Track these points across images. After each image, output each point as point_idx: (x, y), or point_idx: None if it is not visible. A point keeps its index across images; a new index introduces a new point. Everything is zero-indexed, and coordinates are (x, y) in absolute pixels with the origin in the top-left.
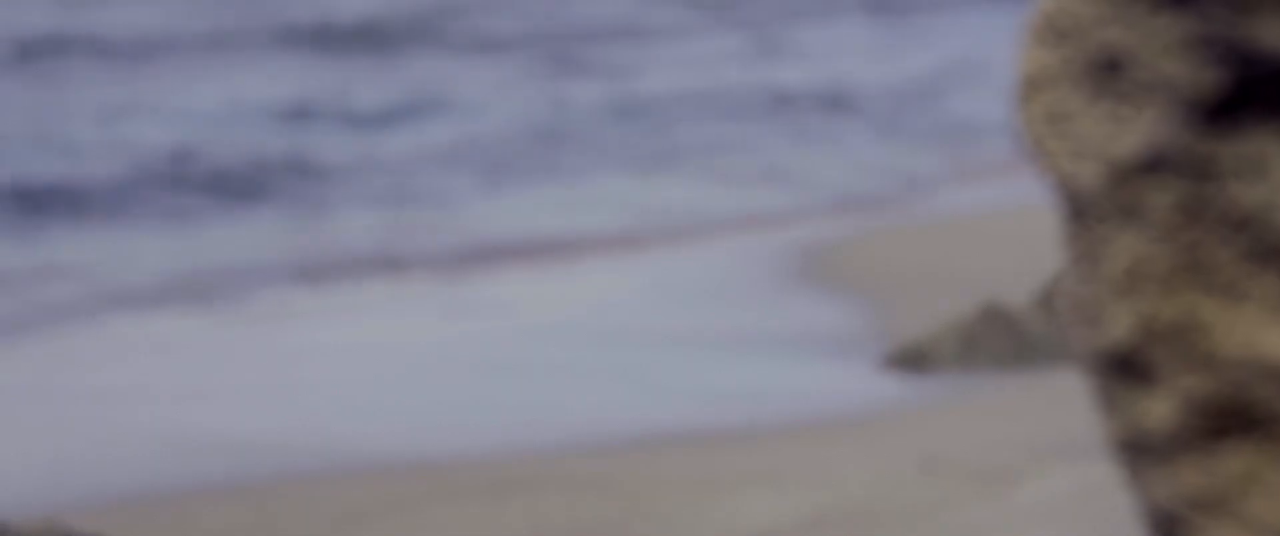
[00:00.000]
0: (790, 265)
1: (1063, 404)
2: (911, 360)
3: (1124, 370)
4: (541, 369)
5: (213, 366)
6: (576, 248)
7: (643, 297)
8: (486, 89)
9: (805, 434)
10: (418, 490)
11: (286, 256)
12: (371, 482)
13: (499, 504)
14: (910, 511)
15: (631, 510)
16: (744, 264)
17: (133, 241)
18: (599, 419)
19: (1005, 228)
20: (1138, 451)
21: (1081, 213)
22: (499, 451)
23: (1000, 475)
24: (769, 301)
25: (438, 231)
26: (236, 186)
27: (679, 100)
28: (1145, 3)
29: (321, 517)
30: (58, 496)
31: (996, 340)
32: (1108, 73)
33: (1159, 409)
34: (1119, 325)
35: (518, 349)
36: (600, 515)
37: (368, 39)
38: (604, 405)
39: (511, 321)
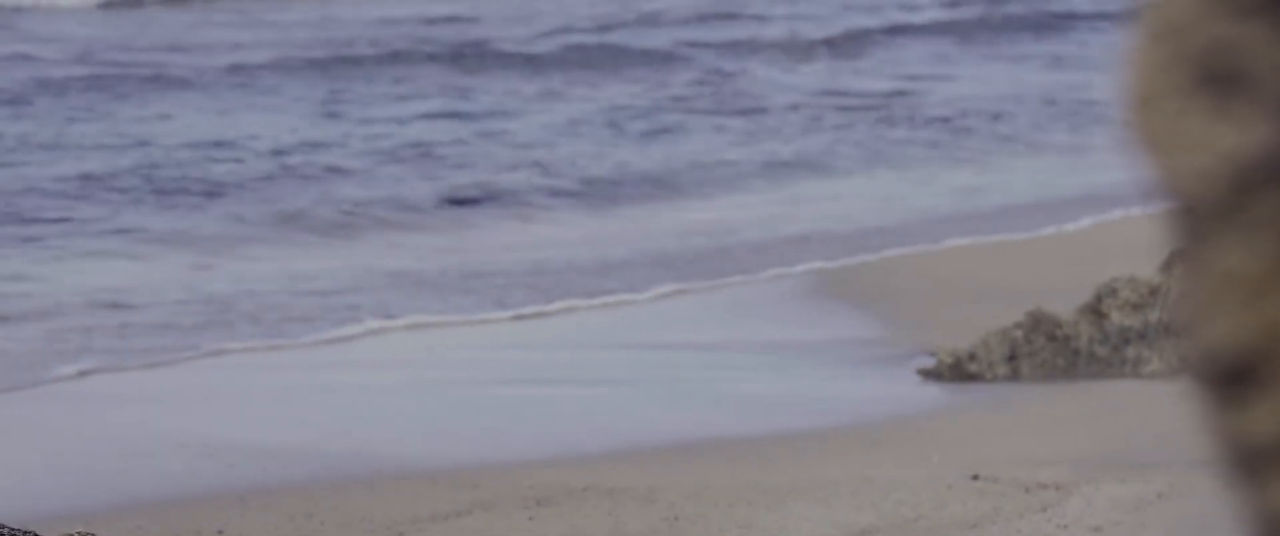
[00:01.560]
0: (834, 278)
1: (1110, 416)
2: (956, 370)
3: (1234, 376)
4: (583, 379)
5: (250, 374)
6: (615, 263)
7: (685, 310)
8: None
9: (851, 444)
10: (459, 500)
11: (324, 269)
12: (412, 492)
13: (541, 514)
14: (958, 523)
15: (675, 521)
16: (786, 277)
17: (140, 256)
18: (642, 429)
19: (1045, 241)
20: (1247, 458)
21: (1192, 217)
22: (541, 461)
23: (1048, 487)
24: (812, 313)
25: (480, 247)
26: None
27: (716, 116)
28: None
29: (361, 528)
30: (90, 504)
31: (1042, 350)
32: (1223, 73)
33: (1271, 415)
34: (1229, 331)
35: (559, 359)
36: (643, 526)
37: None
38: (647, 415)
39: (553, 333)
